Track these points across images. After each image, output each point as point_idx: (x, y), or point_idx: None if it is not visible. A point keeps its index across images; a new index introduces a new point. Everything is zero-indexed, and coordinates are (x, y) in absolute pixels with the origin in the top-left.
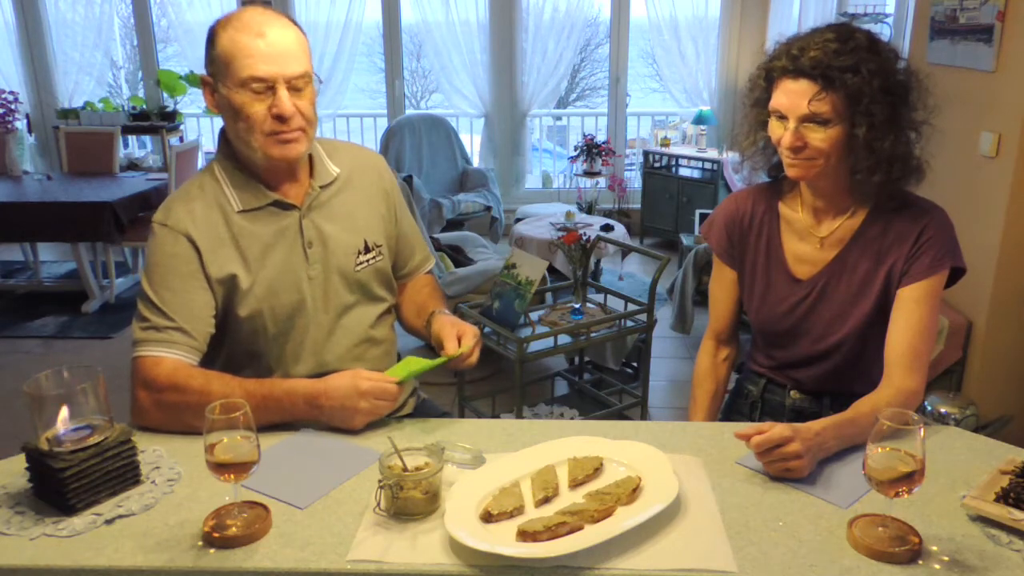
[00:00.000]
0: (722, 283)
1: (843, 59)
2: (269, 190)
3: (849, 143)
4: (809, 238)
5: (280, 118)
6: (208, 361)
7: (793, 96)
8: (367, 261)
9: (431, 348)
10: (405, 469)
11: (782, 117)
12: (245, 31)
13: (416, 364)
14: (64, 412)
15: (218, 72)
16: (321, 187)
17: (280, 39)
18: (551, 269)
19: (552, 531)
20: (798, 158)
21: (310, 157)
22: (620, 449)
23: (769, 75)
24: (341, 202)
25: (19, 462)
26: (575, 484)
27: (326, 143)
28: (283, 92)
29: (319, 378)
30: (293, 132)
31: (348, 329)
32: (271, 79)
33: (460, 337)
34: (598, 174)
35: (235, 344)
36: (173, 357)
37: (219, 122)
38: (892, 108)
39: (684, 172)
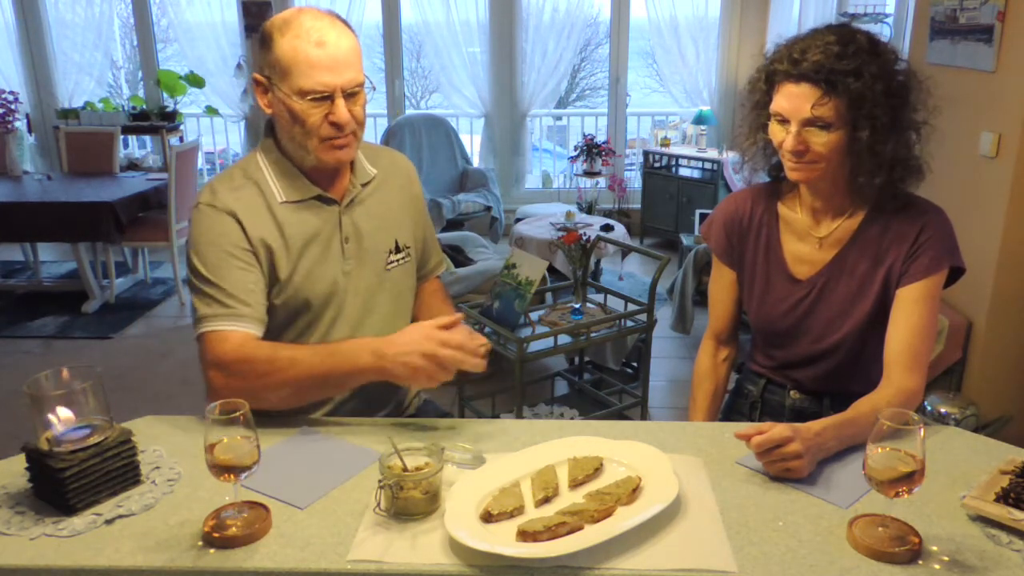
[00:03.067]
0: (722, 283)
1: (845, 63)
2: (312, 184)
3: (851, 146)
4: (808, 238)
5: (336, 125)
6: None
7: (795, 100)
8: (397, 261)
9: None
10: (405, 469)
11: (783, 120)
12: (305, 39)
13: None
14: (62, 414)
15: (275, 76)
16: (361, 185)
17: (338, 48)
18: (551, 269)
19: (552, 531)
20: (800, 162)
21: None
22: (620, 449)
23: (770, 78)
24: (377, 201)
25: (19, 462)
26: (575, 484)
27: (363, 145)
28: (340, 101)
29: None
30: (346, 138)
31: (374, 332)
32: (330, 90)
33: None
34: (598, 174)
35: (264, 335)
36: (240, 331)
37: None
38: (894, 111)
39: (684, 172)
